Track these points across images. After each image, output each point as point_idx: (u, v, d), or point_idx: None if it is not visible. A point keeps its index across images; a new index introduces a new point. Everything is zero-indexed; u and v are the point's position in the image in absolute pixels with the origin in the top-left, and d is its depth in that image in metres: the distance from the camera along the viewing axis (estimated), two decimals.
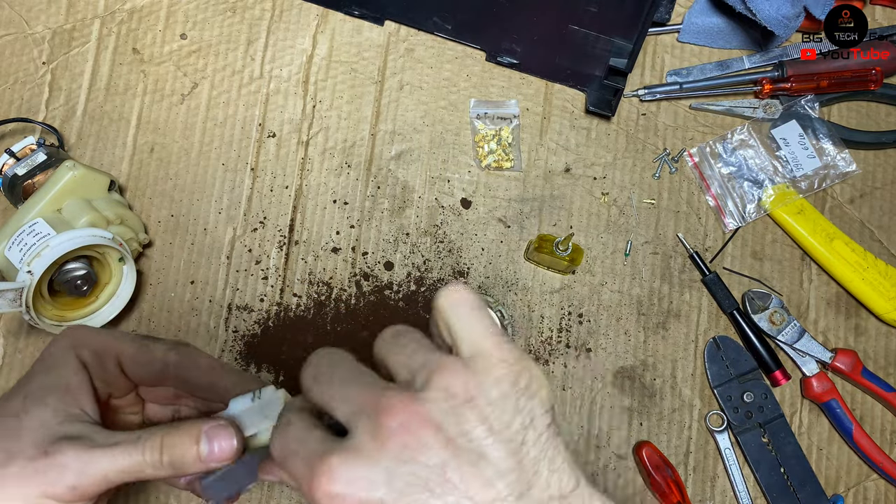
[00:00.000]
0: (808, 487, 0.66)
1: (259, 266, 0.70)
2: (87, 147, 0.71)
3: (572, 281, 0.70)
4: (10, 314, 0.67)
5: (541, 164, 0.72)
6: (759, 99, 0.74)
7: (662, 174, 0.72)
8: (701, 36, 0.75)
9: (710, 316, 0.70)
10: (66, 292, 0.61)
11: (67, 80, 0.73)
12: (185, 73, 0.73)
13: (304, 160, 0.72)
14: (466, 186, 0.72)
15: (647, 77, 0.74)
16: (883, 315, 0.69)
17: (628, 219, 0.72)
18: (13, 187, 0.64)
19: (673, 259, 0.71)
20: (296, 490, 0.65)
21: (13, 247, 0.59)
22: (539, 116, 0.73)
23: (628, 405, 0.68)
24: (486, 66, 0.74)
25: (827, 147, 0.72)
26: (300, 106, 0.73)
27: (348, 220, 0.71)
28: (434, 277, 0.70)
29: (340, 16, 0.75)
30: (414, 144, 0.72)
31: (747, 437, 0.67)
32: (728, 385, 0.68)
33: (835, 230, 0.70)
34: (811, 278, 0.71)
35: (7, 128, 0.71)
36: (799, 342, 0.68)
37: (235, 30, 0.74)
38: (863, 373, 0.67)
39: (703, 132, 0.74)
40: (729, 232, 0.72)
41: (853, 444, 0.67)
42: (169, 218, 0.70)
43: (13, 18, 0.74)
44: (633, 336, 0.70)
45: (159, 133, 0.72)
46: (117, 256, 0.63)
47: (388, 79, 0.74)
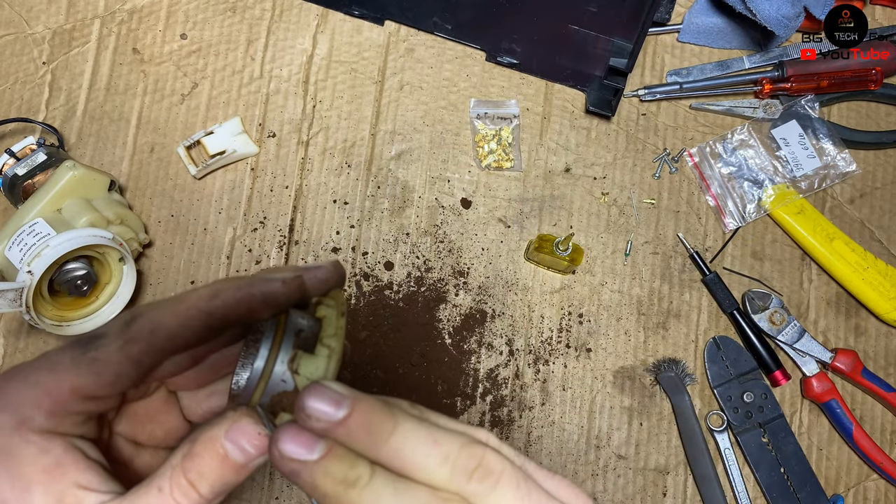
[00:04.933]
0: (808, 487, 0.66)
1: (259, 266, 0.70)
2: (87, 147, 0.71)
3: (572, 281, 0.70)
4: (10, 314, 0.67)
5: (541, 164, 0.72)
6: (759, 99, 0.74)
7: (662, 174, 0.72)
8: (701, 36, 0.75)
9: (710, 316, 0.70)
10: (66, 292, 0.61)
11: (67, 80, 0.73)
12: (185, 73, 0.73)
13: (304, 160, 0.72)
14: (466, 186, 0.72)
15: (647, 77, 0.74)
16: (883, 315, 0.69)
17: (628, 219, 0.72)
18: (13, 187, 0.64)
19: (673, 259, 0.71)
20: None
21: (13, 247, 0.59)
22: (539, 116, 0.73)
23: (628, 405, 0.68)
24: (486, 66, 0.74)
25: (827, 147, 0.72)
26: (300, 106, 0.73)
27: (348, 220, 0.71)
28: (434, 277, 0.70)
29: (340, 16, 0.75)
30: (414, 144, 0.72)
31: (747, 437, 0.67)
32: (728, 385, 0.68)
33: (835, 230, 0.70)
34: (811, 278, 0.71)
35: (7, 128, 0.71)
36: (799, 342, 0.68)
37: (235, 30, 0.74)
38: (863, 373, 0.67)
39: (703, 132, 0.74)
40: (729, 232, 0.72)
41: (853, 444, 0.67)
42: (169, 218, 0.70)
43: (13, 18, 0.74)
44: (633, 336, 0.70)
45: (159, 133, 0.72)
46: (117, 256, 0.63)
47: (388, 79, 0.74)
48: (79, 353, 0.30)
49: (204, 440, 0.30)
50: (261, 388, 0.29)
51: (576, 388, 0.68)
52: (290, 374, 0.29)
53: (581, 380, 0.68)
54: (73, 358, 0.30)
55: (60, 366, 0.30)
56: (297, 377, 0.29)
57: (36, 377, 0.30)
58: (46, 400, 0.30)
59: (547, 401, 0.68)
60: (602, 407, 0.68)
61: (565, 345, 0.69)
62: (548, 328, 0.69)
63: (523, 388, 0.68)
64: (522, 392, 0.68)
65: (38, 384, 0.30)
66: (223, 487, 0.30)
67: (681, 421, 0.67)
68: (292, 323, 0.30)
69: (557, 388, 0.68)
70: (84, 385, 0.30)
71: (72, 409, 0.30)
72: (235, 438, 0.29)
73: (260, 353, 0.29)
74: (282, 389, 0.29)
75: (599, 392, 0.68)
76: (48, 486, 0.29)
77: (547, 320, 0.69)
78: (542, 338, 0.69)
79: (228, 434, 0.29)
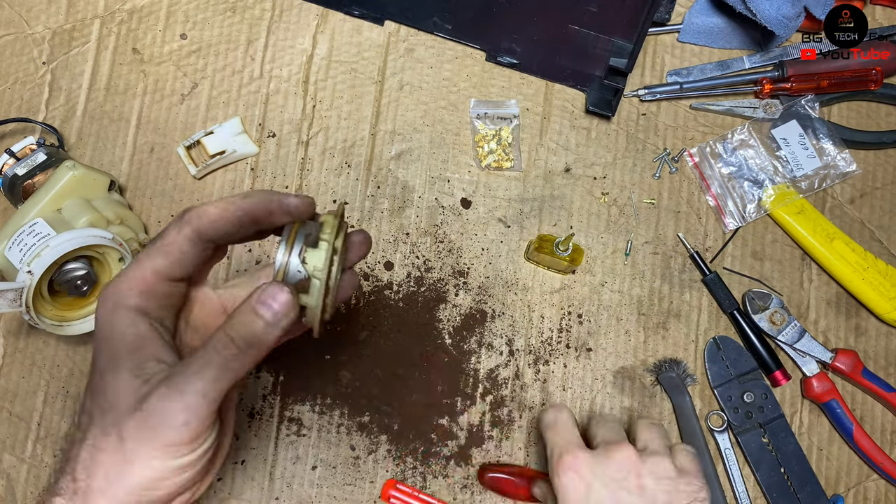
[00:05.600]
0: (808, 487, 0.66)
1: (259, 266, 0.70)
2: (87, 147, 0.71)
3: (572, 281, 0.70)
4: (10, 314, 0.67)
5: (541, 164, 0.72)
6: (760, 99, 0.74)
7: (662, 174, 0.72)
8: (701, 36, 0.75)
9: (710, 316, 0.70)
10: (66, 292, 0.61)
11: (67, 80, 0.73)
12: (185, 73, 0.73)
13: (304, 160, 0.72)
14: (466, 186, 0.72)
15: (647, 77, 0.74)
16: (883, 315, 0.69)
17: (628, 219, 0.72)
18: (13, 187, 0.64)
19: (673, 259, 0.71)
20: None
21: (13, 247, 0.59)
22: (539, 116, 0.73)
23: (628, 405, 0.68)
24: (486, 66, 0.74)
25: (827, 147, 0.72)
26: (300, 106, 0.73)
27: (348, 220, 0.71)
28: (434, 277, 0.70)
29: (340, 16, 0.75)
30: (414, 144, 0.72)
31: (747, 438, 0.67)
32: (728, 385, 0.68)
33: (835, 230, 0.70)
34: (811, 278, 0.71)
35: (7, 128, 0.71)
36: (799, 342, 0.68)
37: (235, 30, 0.74)
38: (863, 373, 0.67)
39: (703, 132, 0.74)
40: (729, 232, 0.72)
41: (853, 445, 0.67)
42: (169, 218, 0.70)
43: (13, 18, 0.74)
44: (633, 336, 0.69)
45: (159, 133, 0.72)
46: (117, 256, 0.63)
47: (388, 79, 0.74)
48: (150, 244, 0.40)
49: (242, 305, 0.38)
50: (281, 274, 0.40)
51: (576, 388, 0.68)
52: (300, 264, 0.40)
53: (581, 380, 0.68)
54: (147, 249, 0.40)
55: (141, 256, 0.40)
56: (305, 266, 0.40)
57: (126, 272, 0.40)
58: (136, 283, 0.40)
59: (547, 401, 0.68)
60: (602, 407, 0.68)
61: (565, 345, 0.69)
62: (548, 328, 0.69)
63: (523, 388, 0.68)
64: (522, 392, 0.68)
65: (127, 274, 0.40)
66: (260, 345, 0.38)
67: (681, 421, 0.67)
68: (304, 228, 0.41)
69: (557, 388, 0.68)
70: (160, 266, 0.40)
71: (156, 291, 0.40)
72: (263, 299, 0.38)
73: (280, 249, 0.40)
74: (299, 277, 0.40)
75: (599, 392, 0.68)
76: (134, 353, 0.38)
77: (547, 320, 0.69)
78: (542, 338, 0.69)
79: (260, 296, 0.38)
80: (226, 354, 0.37)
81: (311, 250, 0.40)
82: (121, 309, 0.39)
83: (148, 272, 0.40)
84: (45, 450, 0.66)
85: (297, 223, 0.41)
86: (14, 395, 0.67)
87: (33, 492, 0.65)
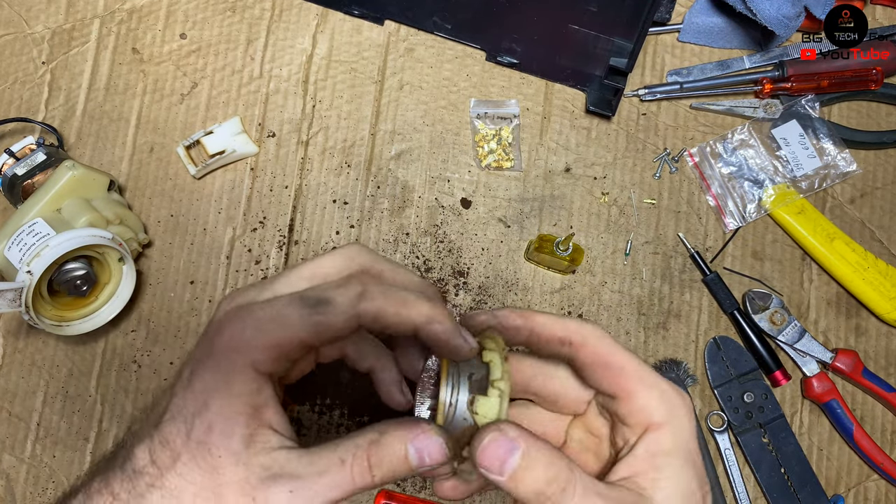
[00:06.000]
0: (808, 488, 0.66)
1: (259, 266, 0.70)
2: (87, 147, 0.71)
3: (572, 281, 0.70)
4: (10, 314, 0.67)
5: (541, 163, 0.72)
6: (760, 99, 0.74)
7: (663, 174, 0.72)
8: (701, 36, 0.74)
9: (710, 316, 0.70)
10: (65, 292, 0.61)
11: (67, 80, 0.73)
12: (185, 72, 0.73)
13: (304, 160, 0.72)
14: (466, 186, 0.72)
15: (647, 77, 0.74)
16: (883, 315, 0.69)
17: (628, 219, 0.72)
18: (13, 187, 0.64)
19: (673, 259, 0.71)
20: None
21: (13, 247, 0.59)
22: (539, 116, 0.73)
23: None
24: (486, 66, 0.74)
25: (827, 147, 0.72)
26: (300, 106, 0.73)
27: (348, 220, 0.71)
28: (434, 277, 0.70)
29: (340, 15, 0.74)
30: (414, 144, 0.72)
31: (747, 438, 0.67)
32: (728, 385, 0.68)
33: (835, 230, 0.70)
34: (811, 278, 0.71)
35: (7, 128, 0.71)
36: (799, 342, 0.68)
37: (235, 29, 0.74)
38: (863, 373, 0.67)
39: (703, 132, 0.73)
40: (729, 232, 0.72)
41: (853, 445, 0.67)
42: (168, 218, 0.70)
43: (13, 18, 0.74)
44: (634, 336, 0.69)
45: (159, 133, 0.72)
46: (117, 256, 0.63)
47: (388, 78, 0.74)
48: (307, 314, 0.34)
49: (393, 436, 0.34)
50: (442, 418, 0.35)
51: None
52: (469, 413, 0.35)
53: None
54: (301, 317, 0.34)
55: (290, 320, 0.34)
56: (476, 416, 0.35)
57: (267, 327, 0.34)
58: (276, 350, 0.34)
59: None
60: None
61: None
62: None
63: None
64: None
65: (269, 333, 0.34)
66: (392, 479, 0.35)
67: None
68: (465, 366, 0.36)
69: None
70: (308, 340, 0.34)
71: (292, 358, 0.35)
72: (421, 445, 0.34)
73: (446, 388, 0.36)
74: (463, 426, 0.35)
75: None
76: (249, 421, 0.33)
77: None
78: None
79: (417, 440, 0.34)
80: (359, 483, 0.34)
81: (481, 398, 0.35)
82: (249, 370, 0.34)
83: (295, 343, 0.34)
84: (45, 450, 0.66)
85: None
86: (13, 396, 0.67)
87: (32, 492, 0.65)
